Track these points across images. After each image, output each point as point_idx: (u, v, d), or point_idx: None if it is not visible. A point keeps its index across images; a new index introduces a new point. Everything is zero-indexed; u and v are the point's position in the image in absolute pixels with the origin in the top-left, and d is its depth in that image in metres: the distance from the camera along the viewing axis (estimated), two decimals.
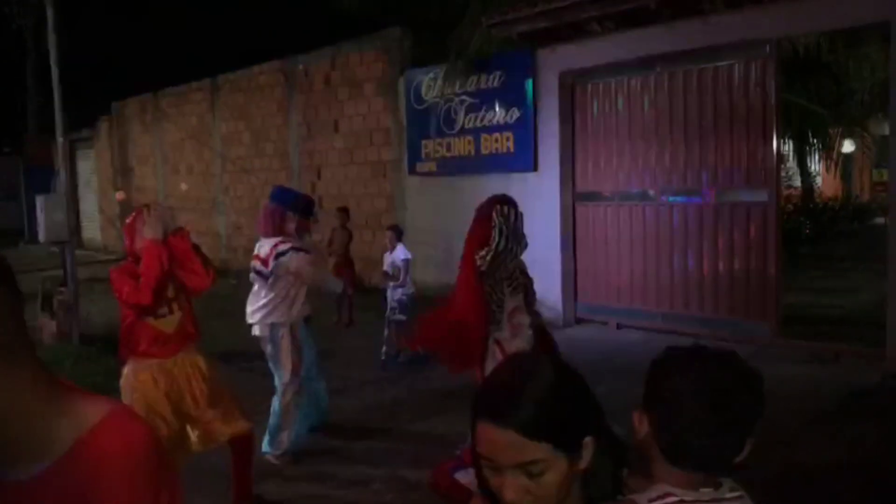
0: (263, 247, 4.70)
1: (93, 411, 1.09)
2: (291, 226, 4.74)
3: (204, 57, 16.10)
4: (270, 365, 4.71)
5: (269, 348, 4.66)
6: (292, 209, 4.76)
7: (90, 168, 20.16)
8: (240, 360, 6.27)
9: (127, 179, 17.92)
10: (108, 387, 4.13)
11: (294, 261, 4.58)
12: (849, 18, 6.69)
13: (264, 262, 4.61)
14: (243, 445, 3.94)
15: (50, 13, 8.38)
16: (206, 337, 4.14)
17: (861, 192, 21.14)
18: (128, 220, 3.85)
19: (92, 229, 20.17)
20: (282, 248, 4.58)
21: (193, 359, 3.82)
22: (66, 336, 7.98)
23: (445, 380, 5.34)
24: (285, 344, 4.62)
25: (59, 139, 8.61)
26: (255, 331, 4.71)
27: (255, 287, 4.75)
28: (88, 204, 20.24)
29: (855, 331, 7.10)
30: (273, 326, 4.62)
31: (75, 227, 10.91)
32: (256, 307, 4.68)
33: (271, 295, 4.62)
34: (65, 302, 8.14)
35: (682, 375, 1.41)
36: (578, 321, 8.42)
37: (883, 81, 9.51)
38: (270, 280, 4.59)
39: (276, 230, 4.68)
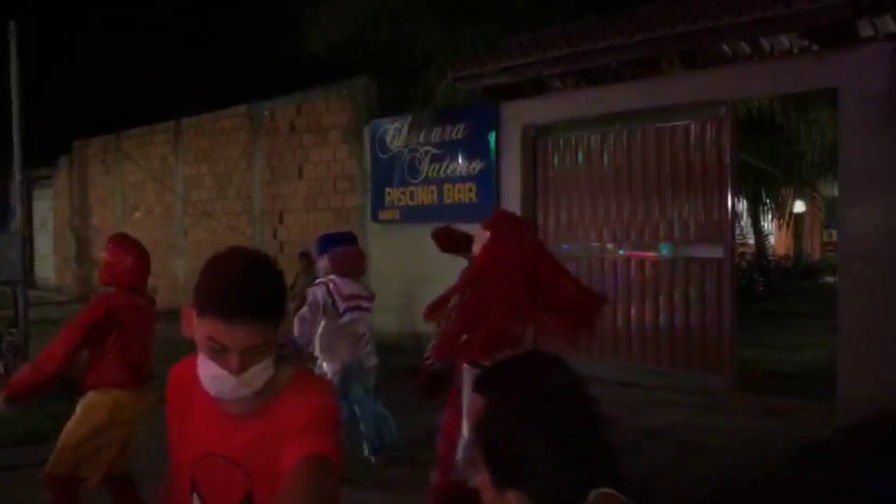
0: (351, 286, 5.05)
1: (288, 368, 1.59)
2: None
3: (168, 99, 16.10)
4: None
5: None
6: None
7: (47, 207, 19.82)
8: None
9: (85, 220, 17.65)
10: (55, 430, 4.02)
11: None
12: (800, 84, 6.99)
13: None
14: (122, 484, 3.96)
15: (13, 48, 8.34)
16: (158, 381, 4.08)
17: (811, 250, 21.71)
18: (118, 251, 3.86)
19: (45, 269, 19.74)
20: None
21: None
22: None
23: (404, 430, 5.31)
24: None
25: (17, 177, 8.49)
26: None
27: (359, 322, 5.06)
28: (43, 244, 19.86)
29: (807, 385, 7.22)
30: None
31: (29, 267, 10.68)
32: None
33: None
34: (14, 343, 7.92)
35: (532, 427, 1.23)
36: None
37: (832, 144, 9.89)
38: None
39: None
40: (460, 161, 9.22)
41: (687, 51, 7.12)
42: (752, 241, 16.74)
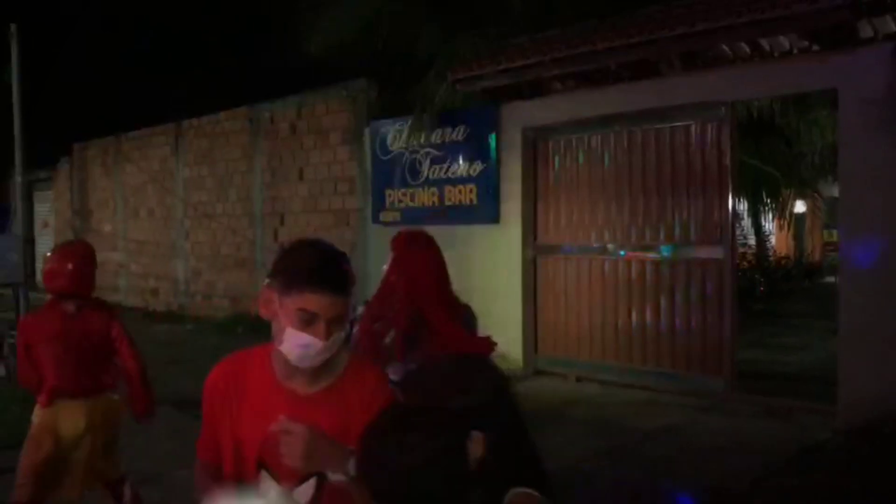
0: None
1: (345, 352, 1.85)
2: None
3: (169, 101, 16.09)
4: None
5: None
6: None
7: (47, 209, 19.85)
8: (193, 407, 6.13)
9: (86, 222, 17.67)
10: None
11: None
12: (800, 85, 7.00)
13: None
14: (119, 490, 3.91)
15: (14, 50, 8.36)
16: (159, 383, 4.08)
17: (812, 251, 21.69)
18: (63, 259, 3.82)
19: None
20: None
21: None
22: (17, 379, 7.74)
23: None
24: None
25: (18, 179, 8.50)
26: None
27: None
28: (44, 246, 19.86)
29: (807, 387, 7.23)
30: None
31: (30, 270, 10.70)
32: None
33: None
34: (15, 345, 7.91)
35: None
36: (538, 373, 8.44)
37: (831, 145, 9.89)
38: None
39: None
40: (461, 162, 9.22)
41: (686, 52, 7.13)
42: (752, 242, 16.73)
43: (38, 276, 19.39)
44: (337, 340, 1.75)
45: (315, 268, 1.73)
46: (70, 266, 3.75)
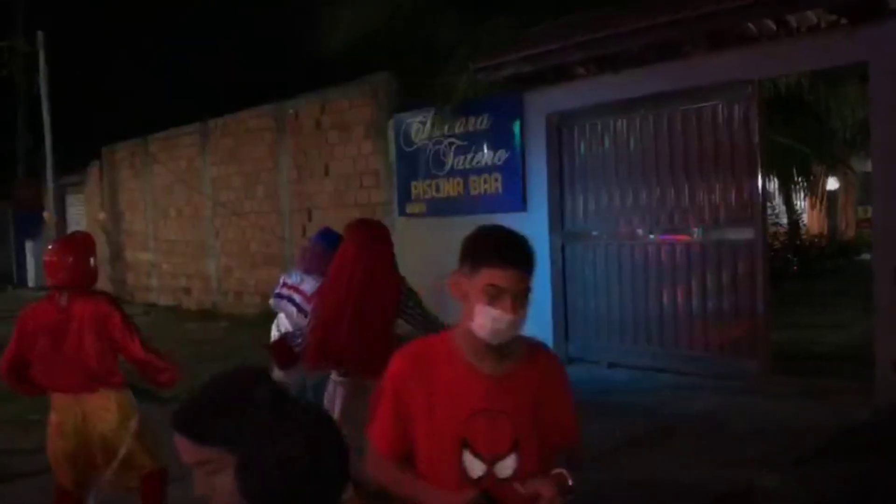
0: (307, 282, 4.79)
1: (524, 339, 2.01)
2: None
3: (194, 102, 16.24)
4: None
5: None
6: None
7: (80, 212, 20.15)
8: None
9: (117, 224, 17.91)
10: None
11: None
12: (829, 59, 6.85)
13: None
14: (151, 483, 3.86)
15: (41, 57, 8.48)
16: (193, 381, 4.10)
17: (846, 228, 21.32)
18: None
19: None
20: None
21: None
22: None
23: None
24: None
25: (50, 184, 8.64)
26: None
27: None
28: None
29: (844, 367, 7.11)
30: None
31: None
32: None
33: None
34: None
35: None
36: (570, 361, 8.40)
37: (863, 120, 9.69)
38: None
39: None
40: (485, 152, 9.19)
41: (711, 32, 7.02)
42: (784, 221, 16.50)
43: None
44: (523, 316, 1.88)
45: (499, 246, 1.90)
46: (70, 259, 3.76)
